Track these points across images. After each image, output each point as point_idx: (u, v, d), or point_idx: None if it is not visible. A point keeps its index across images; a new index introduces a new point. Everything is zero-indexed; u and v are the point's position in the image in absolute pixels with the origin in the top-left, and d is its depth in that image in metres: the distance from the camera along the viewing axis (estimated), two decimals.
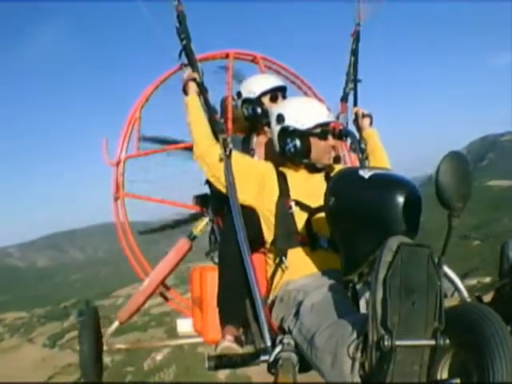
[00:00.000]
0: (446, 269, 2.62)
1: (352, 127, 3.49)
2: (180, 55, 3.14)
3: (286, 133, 2.71)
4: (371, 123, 3.39)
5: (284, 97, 3.42)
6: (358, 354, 1.79)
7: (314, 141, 2.68)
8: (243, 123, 3.54)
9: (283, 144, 2.72)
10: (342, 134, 3.31)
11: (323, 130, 2.69)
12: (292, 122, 2.70)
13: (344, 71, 3.72)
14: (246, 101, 3.39)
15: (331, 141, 2.72)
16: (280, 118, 2.74)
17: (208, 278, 3.08)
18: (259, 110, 3.33)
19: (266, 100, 3.35)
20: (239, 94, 3.47)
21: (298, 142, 2.67)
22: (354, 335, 1.83)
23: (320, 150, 2.70)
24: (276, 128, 2.77)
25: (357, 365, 1.79)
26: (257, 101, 3.35)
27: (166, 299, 3.91)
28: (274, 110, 2.86)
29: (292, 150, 2.70)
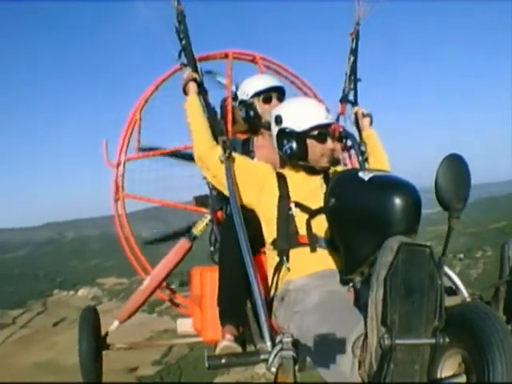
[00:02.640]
0: (447, 269, 2.63)
1: (352, 128, 3.48)
2: (180, 55, 3.14)
3: (284, 134, 2.70)
4: (371, 123, 3.38)
5: (280, 98, 3.39)
6: (358, 353, 1.80)
7: (311, 143, 2.67)
8: (243, 125, 3.54)
9: (281, 145, 2.73)
10: (341, 136, 3.31)
11: (320, 133, 2.67)
12: (289, 123, 2.69)
13: (343, 72, 3.71)
14: (241, 103, 3.39)
15: (330, 144, 2.69)
16: (278, 120, 2.74)
17: (208, 278, 3.10)
18: (251, 113, 3.32)
19: (258, 101, 3.34)
20: (236, 96, 3.48)
21: (294, 144, 2.67)
22: (355, 334, 1.84)
23: (317, 152, 2.68)
24: (274, 129, 2.77)
25: (357, 364, 1.80)
26: (250, 102, 3.34)
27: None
28: (274, 111, 2.86)
29: (288, 151, 2.69)
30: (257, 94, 3.34)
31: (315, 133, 2.66)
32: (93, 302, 59.54)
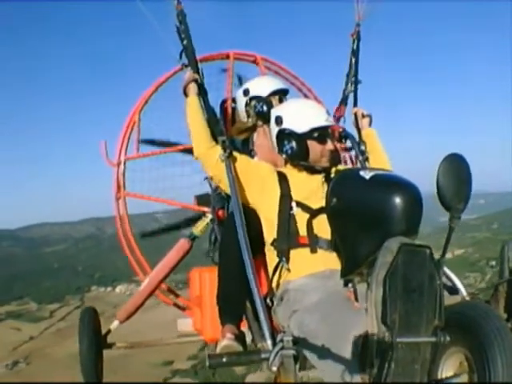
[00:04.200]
0: (446, 269, 2.65)
1: (351, 128, 3.49)
2: (181, 55, 3.14)
3: (284, 135, 2.72)
4: (370, 123, 3.39)
5: (286, 100, 3.45)
6: (359, 353, 1.81)
7: (311, 144, 2.68)
8: (242, 125, 3.55)
9: (281, 146, 2.74)
10: (341, 137, 3.32)
11: (320, 134, 2.69)
12: (289, 124, 2.71)
13: (342, 73, 3.71)
14: (255, 98, 3.41)
15: (329, 144, 2.71)
16: (278, 120, 2.75)
17: (207, 278, 3.11)
18: (267, 108, 3.35)
19: (274, 100, 3.40)
20: (246, 92, 3.48)
21: (294, 145, 2.68)
22: (355, 333, 1.84)
23: (317, 153, 2.70)
24: (274, 130, 2.78)
25: (358, 363, 1.80)
26: (266, 99, 3.39)
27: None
28: (273, 111, 2.88)
29: (289, 152, 2.71)
30: (274, 93, 3.41)
31: (315, 134, 2.68)
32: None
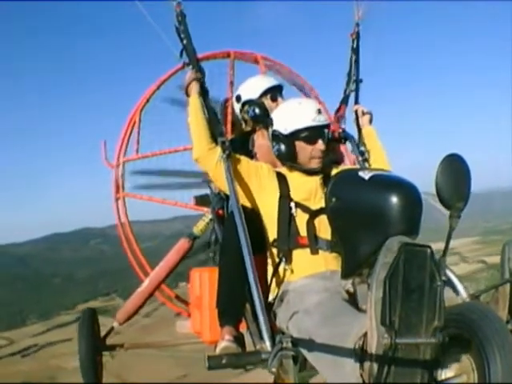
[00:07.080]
0: (446, 269, 2.63)
1: (352, 126, 3.47)
2: (181, 54, 3.13)
3: (274, 137, 2.74)
4: (371, 121, 3.38)
5: (281, 96, 3.44)
6: (359, 354, 1.79)
7: (299, 145, 2.66)
8: (241, 127, 3.55)
9: (273, 147, 2.76)
10: (340, 138, 3.31)
11: (308, 135, 2.65)
12: (277, 126, 2.72)
13: (343, 74, 3.70)
14: (248, 102, 3.40)
15: (320, 144, 2.66)
16: (270, 122, 2.78)
17: (207, 279, 3.09)
18: (260, 111, 3.34)
19: (266, 100, 3.37)
20: (238, 98, 3.47)
21: (281, 147, 2.68)
22: (355, 334, 1.83)
23: (306, 153, 2.67)
24: (270, 132, 2.81)
25: (357, 364, 1.79)
26: (258, 101, 3.37)
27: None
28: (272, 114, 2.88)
29: (276, 153, 2.73)
30: (265, 93, 3.38)
31: (303, 135, 2.64)
32: None
